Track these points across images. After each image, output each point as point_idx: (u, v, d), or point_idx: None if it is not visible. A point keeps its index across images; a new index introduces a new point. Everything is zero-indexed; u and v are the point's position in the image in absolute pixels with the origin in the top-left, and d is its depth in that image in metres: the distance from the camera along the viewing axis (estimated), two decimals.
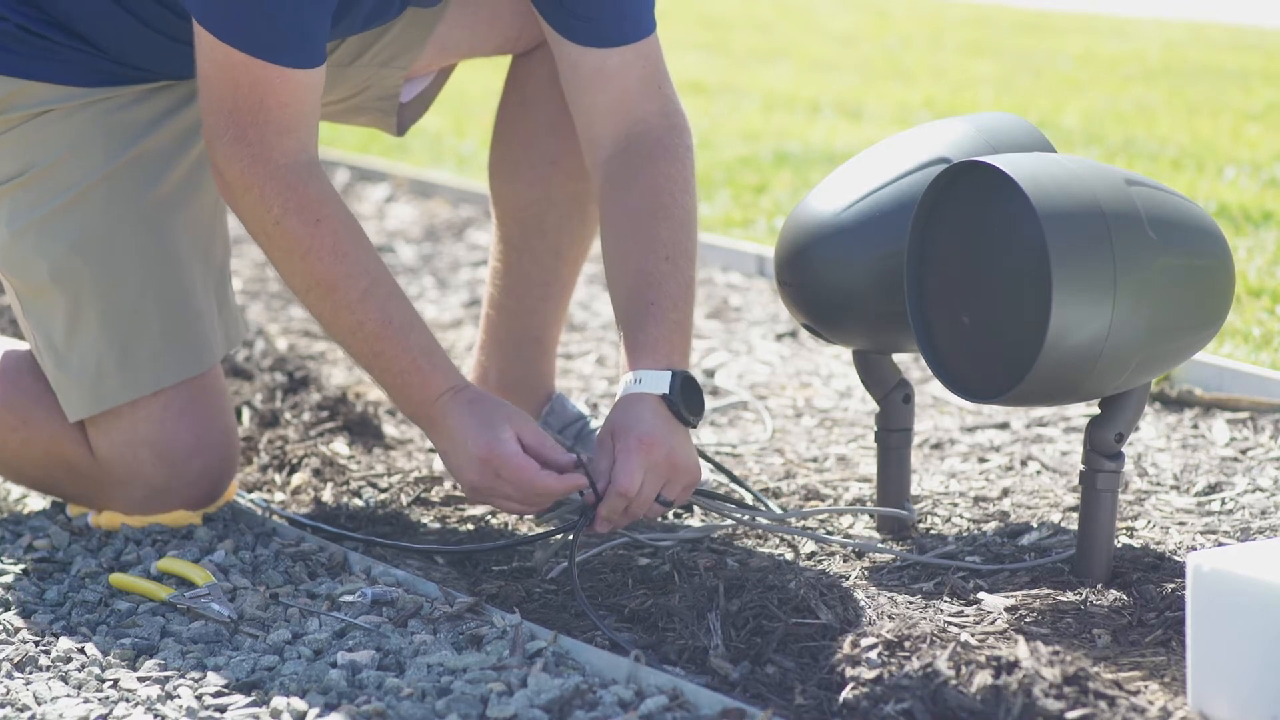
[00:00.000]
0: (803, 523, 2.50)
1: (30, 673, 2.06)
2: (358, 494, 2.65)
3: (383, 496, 2.63)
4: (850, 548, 2.39)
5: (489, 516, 2.57)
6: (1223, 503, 2.57)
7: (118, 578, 2.29)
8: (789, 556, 2.38)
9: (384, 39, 2.55)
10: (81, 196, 2.39)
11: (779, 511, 2.52)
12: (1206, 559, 1.81)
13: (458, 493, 2.65)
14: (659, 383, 2.23)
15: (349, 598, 2.22)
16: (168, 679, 2.03)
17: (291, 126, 2.21)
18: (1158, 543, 2.41)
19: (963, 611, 2.18)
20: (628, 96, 2.34)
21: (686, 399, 2.23)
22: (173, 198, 2.43)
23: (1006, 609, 2.18)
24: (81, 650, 2.11)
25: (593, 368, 3.41)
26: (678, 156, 2.35)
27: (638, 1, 2.34)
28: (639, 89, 2.35)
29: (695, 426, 2.26)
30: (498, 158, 2.67)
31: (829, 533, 2.47)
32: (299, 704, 1.93)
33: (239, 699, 1.97)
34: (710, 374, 3.36)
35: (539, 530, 2.50)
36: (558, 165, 2.61)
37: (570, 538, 2.23)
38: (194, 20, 2.19)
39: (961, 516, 2.54)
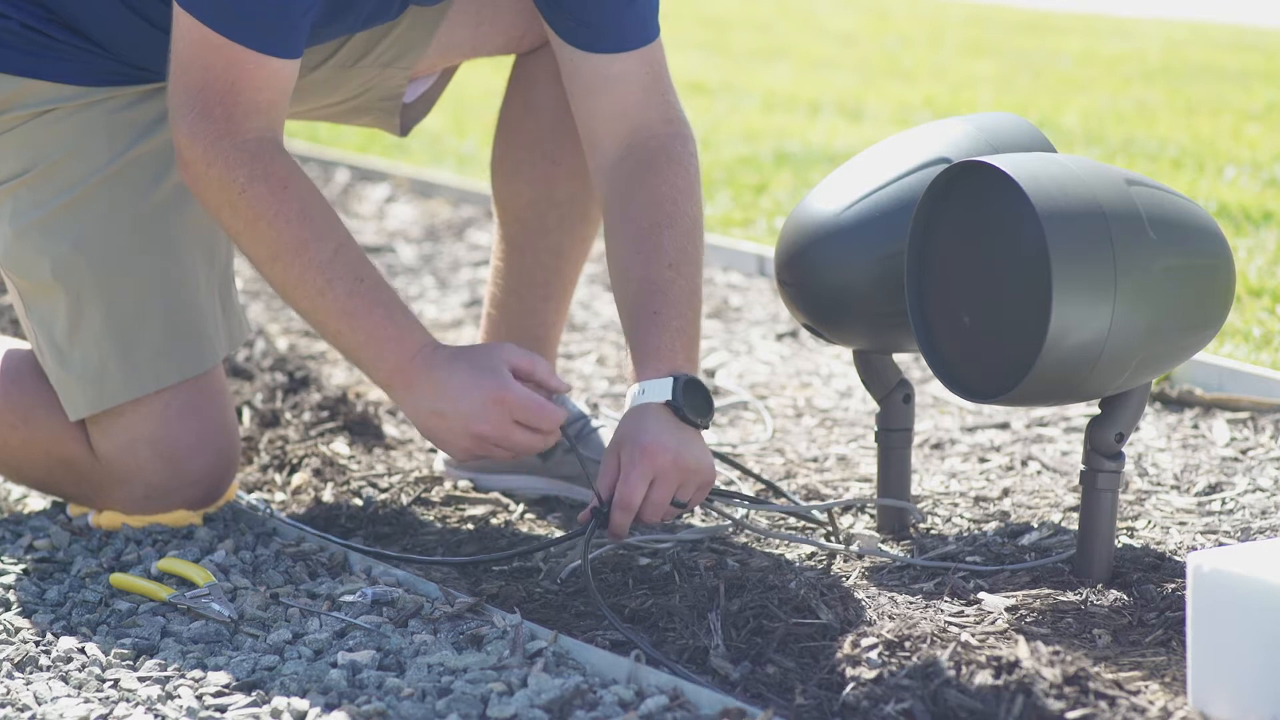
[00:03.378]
0: (806, 522, 2.50)
1: (30, 673, 2.06)
2: (358, 494, 2.65)
3: (383, 496, 2.63)
4: (851, 548, 2.38)
5: (490, 517, 2.57)
6: (1223, 503, 2.57)
7: (118, 578, 2.29)
8: (789, 556, 2.38)
9: (387, 39, 2.55)
10: (84, 195, 2.39)
11: (790, 502, 2.52)
12: (1207, 559, 1.81)
13: (458, 492, 2.65)
14: (661, 390, 2.22)
15: (349, 598, 2.22)
16: (168, 679, 2.03)
17: (262, 109, 2.21)
18: (1158, 543, 2.41)
19: (963, 611, 2.18)
20: (630, 103, 2.34)
21: (690, 401, 2.22)
22: (176, 197, 2.43)
23: (1007, 609, 2.18)
24: (82, 650, 2.11)
25: (593, 368, 3.41)
26: (682, 164, 2.35)
27: (641, 8, 2.33)
28: (642, 96, 2.35)
29: (703, 427, 2.25)
30: (500, 157, 2.67)
31: (829, 534, 2.46)
32: (299, 704, 1.93)
33: (239, 699, 1.97)
34: (710, 374, 3.36)
35: (548, 536, 2.50)
36: (560, 164, 2.61)
37: (586, 540, 2.22)
38: (175, 4, 2.19)
39: (962, 516, 2.54)
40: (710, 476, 2.23)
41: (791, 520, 2.50)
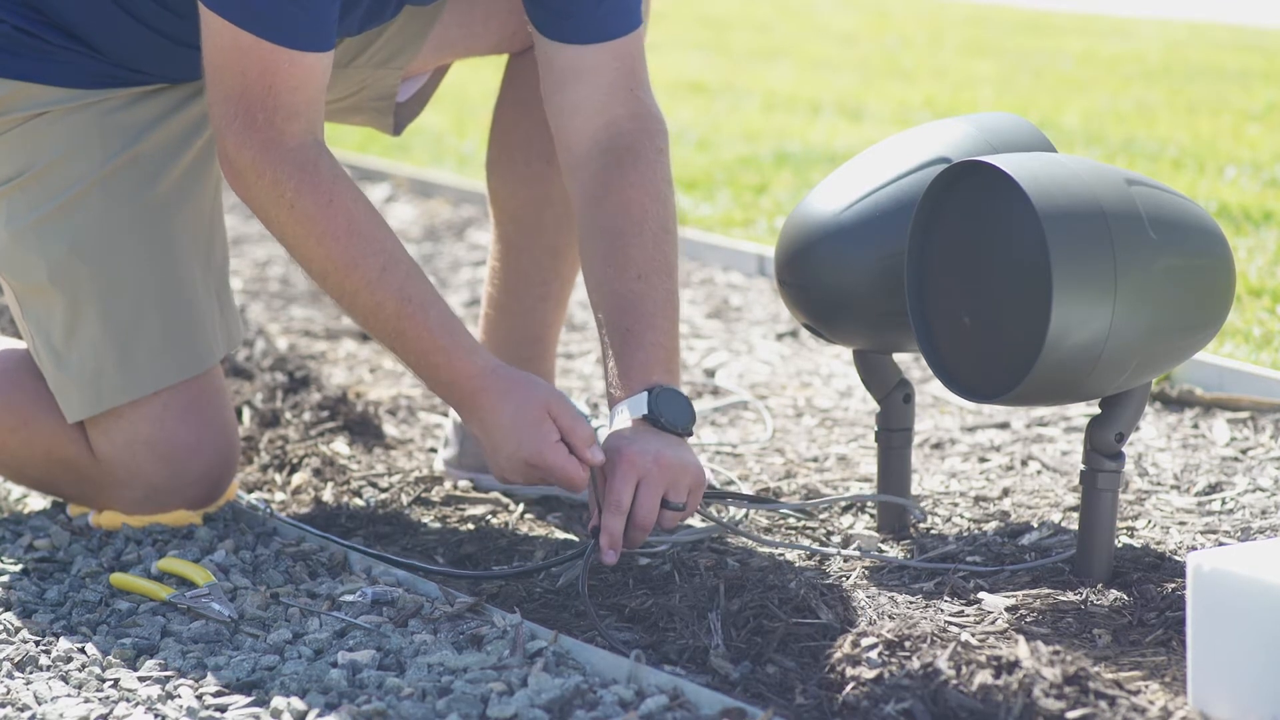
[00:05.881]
0: (804, 523, 2.50)
1: (30, 672, 2.06)
2: (358, 494, 2.65)
3: (383, 496, 2.63)
4: (853, 549, 2.39)
5: (489, 517, 2.57)
6: (1223, 502, 2.57)
7: (118, 577, 2.29)
8: (789, 557, 2.38)
9: (381, 39, 2.54)
10: (79, 197, 2.39)
11: (783, 503, 2.52)
12: (1207, 559, 1.81)
13: (458, 492, 2.65)
14: (637, 407, 2.22)
15: (349, 597, 2.22)
16: (168, 679, 2.03)
17: (301, 110, 2.20)
18: (1158, 542, 2.41)
19: (963, 611, 2.18)
20: (598, 97, 2.32)
21: (667, 409, 2.21)
22: (171, 198, 2.43)
23: (1007, 609, 2.18)
24: (82, 650, 2.11)
25: (593, 368, 3.41)
26: (649, 162, 2.32)
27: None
28: (610, 91, 2.32)
29: (685, 434, 2.23)
30: (494, 157, 2.67)
31: (827, 535, 2.46)
32: (299, 704, 1.93)
33: (239, 699, 1.97)
34: (710, 374, 3.36)
35: (552, 540, 2.50)
36: (554, 164, 2.60)
37: (586, 560, 2.21)
38: (201, 6, 2.18)
39: (962, 516, 2.54)
40: (699, 475, 2.22)
41: (791, 521, 2.50)
